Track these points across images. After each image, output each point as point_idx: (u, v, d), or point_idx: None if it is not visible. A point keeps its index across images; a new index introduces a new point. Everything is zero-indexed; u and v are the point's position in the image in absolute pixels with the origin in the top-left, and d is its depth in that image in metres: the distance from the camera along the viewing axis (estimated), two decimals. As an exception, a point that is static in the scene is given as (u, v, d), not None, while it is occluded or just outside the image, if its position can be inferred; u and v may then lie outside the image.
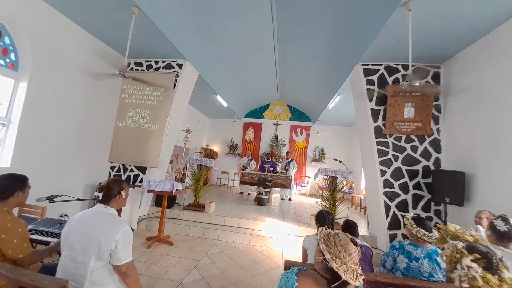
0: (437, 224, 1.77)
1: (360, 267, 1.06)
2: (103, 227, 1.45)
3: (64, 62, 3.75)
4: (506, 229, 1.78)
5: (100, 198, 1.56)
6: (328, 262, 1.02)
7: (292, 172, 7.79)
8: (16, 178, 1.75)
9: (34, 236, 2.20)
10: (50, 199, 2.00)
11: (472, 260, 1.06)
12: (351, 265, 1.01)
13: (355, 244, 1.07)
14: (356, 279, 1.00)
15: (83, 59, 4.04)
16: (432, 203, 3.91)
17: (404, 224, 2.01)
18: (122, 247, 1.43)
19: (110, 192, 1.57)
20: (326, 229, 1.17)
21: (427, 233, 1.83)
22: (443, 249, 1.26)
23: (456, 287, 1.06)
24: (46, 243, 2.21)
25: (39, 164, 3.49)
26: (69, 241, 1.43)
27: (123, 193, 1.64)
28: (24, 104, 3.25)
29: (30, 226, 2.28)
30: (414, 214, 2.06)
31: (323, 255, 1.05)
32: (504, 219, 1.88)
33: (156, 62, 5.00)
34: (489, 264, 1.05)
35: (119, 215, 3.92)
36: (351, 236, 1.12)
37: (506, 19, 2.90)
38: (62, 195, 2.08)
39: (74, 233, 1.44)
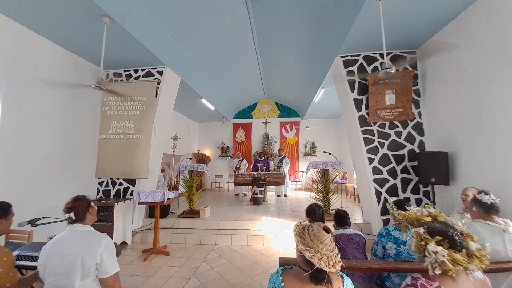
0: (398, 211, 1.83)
1: (340, 255, 1.09)
2: (83, 244, 1.43)
3: (38, 79, 3.62)
4: (492, 201, 1.85)
5: (74, 218, 1.53)
6: (303, 254, 1.05)
7: (285, 168, 7.84)
8: None
9: (22, 262, 2.14)
10: (32, 222, 1.91)
11: (435, 244, 1.01)
12: (325, 252, 1.04)
13: (327, 231, 1.11)
14: (332, 266, 1.02)
15: (58, 74, 3.92)
16: (421, 185, 4.01)
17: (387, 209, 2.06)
18: (107, 259, 1.43)
19: (80, 208, 1.55)
20: (301, 223, 1.19)
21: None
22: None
23: (431, 275, 1.02)
24: (34, 268, 2.14)
25: (21, 187, 3.35)
26: (48, 269, 1.39)
27: (92, 204, 1.63)
28: (0, 125, 3.13)
29: (16, 252, 2.21)
30: (399, 198, 2.11)
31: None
32: (486, 193, 1.95)
33: (136, 71, 4.90)
34: (452, 242, 1.00)
35: (111, 232, 3.85)
36: (323, 224, 1.16)
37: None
38: (45, 217, 2.00)
39: (52, 260, 1.40)
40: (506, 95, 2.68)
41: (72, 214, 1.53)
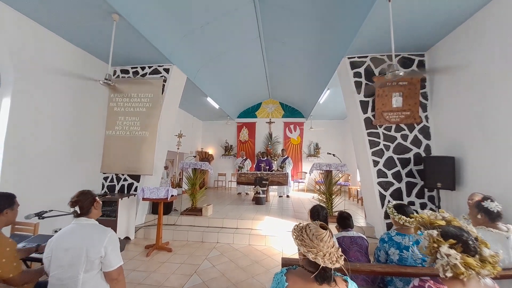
0: (411, 214, 1.78)
1: (341, 252, 1.10)
2: (88, 237, 1.46)
3: (47, 74, 3.68)
4: (498, 209, 1.81)
5: (79, 212, 1.56)
6: (307, 256, 1.05)
7: (288, 169, 7.82)
8: (3, 196, 1.76)
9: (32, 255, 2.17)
10: (39, 215, 1.95)
11: (449, 247, 1.01)
12: (326, 250, 1.05)
13: (324, 228, 1.13)
14: (336, 261, 1.03)
15: (66, 70, 3.97)
16: (426, 190, 3.96)
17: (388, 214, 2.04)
18: (112, 252, 1.46)
19: (85, 202, 1.58)
20: (297, 226, 1.21)
21: (408, 219, 1.84)
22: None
23: (443, 277, 1.02)
24: (39, 260, 2.18)
25: (29, 180, 3.42)
26: (53, 262, 1.42)
27: (97, 199, 1.66)
28: (9, 119, 3.18)
29: (22, 244, 2.24)
30: (398, 202, 2.10)
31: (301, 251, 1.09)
32: (492, 200, 1.91)
33: (143, 68, 4.94)
34: (466, 246, 1.00)
35: (115, 227, 3.89)
36: (319, 222, 1.18)
37: (484, 3, 2.93)
38: (52, 210, 2.03)
39: (57, 253, 1.43)
40: (516, 100, 2.63)
41: (77, 208, 1.56)
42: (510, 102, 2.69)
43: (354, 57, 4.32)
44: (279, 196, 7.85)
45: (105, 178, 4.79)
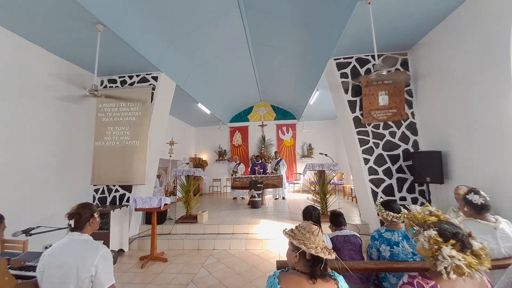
0: (402, 210, 1.77)
1: (335, 251, 1.19)
2: (79, 254, 1.41)
3: (32, 87, 3.61)
4: (482, 201, 1.84)
5: (73, 226, 1.50)
6: (306, 253, 1.10)
7: (282, 171, 7.85)
8: None
9: (16, 272, 2.11)
10: (26, 232, 1.90)
11: (451, 248, 0.99)
12: (322, 244, 1.12)
13: (314, 224, 1.22)
14: (329, 253, 1.10)
15: (52, 82, 3.90)
16: (416, 184, 4.05)
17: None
18: (103, 271, 1.40)
19: (81, 217, 1.52)
20: (285, 231, 1.25)
21: (395, 214, 1.89)
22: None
23: (430, 272, 1.03)
24: (29, 277, 2.12)
25: (16, 197, 3.32)
26: (44, 277, 1.38)
27: (95, 215, 1.61)
28: (-8, 135, 3.10)
29: (10, 262, 2.18)
30: (385, 199, 2.15)
31: (297, 249, 1.12)
32: (476, 192, 1.94)
33: (130, 77, 4.90)
34: (463, 244, 1.00)
35: (108, 239, 3.80)
36: (309, 221, 1.29)
37: (461, 1, 3.05)
38: (39, 226, 1.98)
39: (49, 268, 1.39)
40: (494, 93, 2.74)
41: (72, 222, 1.51)
42: (490, 95, 2.80)
43: (340, 58, 4.42)
44: (275, 199, 7.86)
45: (96, 190, 4.69)
